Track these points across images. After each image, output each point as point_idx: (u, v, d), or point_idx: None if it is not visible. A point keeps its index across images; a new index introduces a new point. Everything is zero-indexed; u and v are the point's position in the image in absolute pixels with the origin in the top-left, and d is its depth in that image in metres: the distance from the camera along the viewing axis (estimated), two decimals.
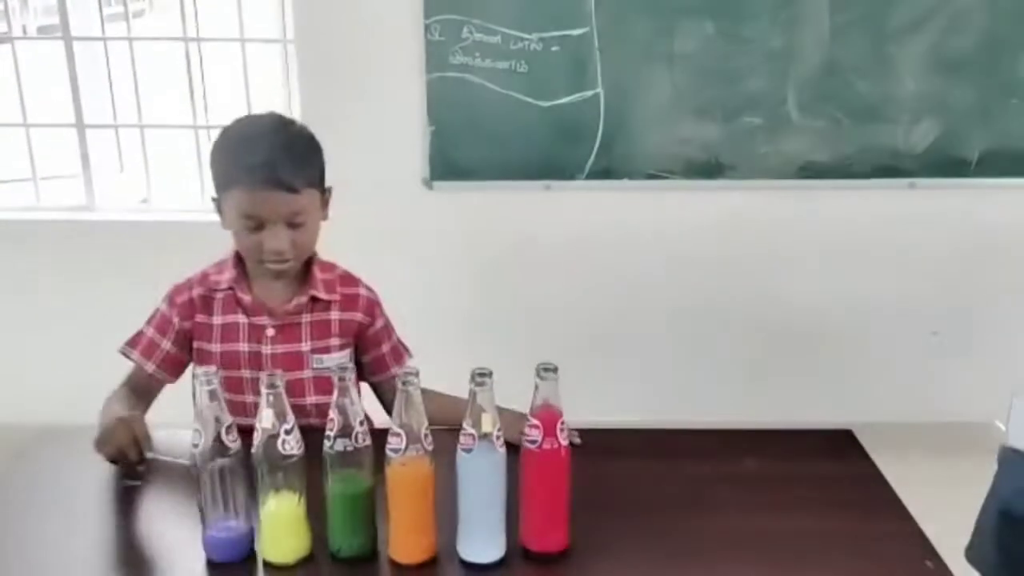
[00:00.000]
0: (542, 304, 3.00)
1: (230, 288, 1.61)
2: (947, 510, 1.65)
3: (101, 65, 3.03)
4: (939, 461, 2.67)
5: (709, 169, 2.83)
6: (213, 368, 1.28)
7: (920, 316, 3.03)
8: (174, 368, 1.64)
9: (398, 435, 1.20)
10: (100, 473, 1.51)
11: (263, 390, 1.20)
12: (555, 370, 1.22)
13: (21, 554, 1.32)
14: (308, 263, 1.64)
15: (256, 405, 1.22)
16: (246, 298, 1.60)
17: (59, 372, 3.00)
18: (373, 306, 1.69)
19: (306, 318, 1.62)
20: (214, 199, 1.60)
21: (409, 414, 1.20)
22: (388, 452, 1.21)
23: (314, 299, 1.62)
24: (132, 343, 1.66)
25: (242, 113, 1.71)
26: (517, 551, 1.28)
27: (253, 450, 1.22)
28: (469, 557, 1.26)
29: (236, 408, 1.47)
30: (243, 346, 1.60)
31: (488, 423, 1.20)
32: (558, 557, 1.28)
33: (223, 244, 3.18)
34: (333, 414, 1.21)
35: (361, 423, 1.21)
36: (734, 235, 2.95)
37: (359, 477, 1.24)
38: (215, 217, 3.25)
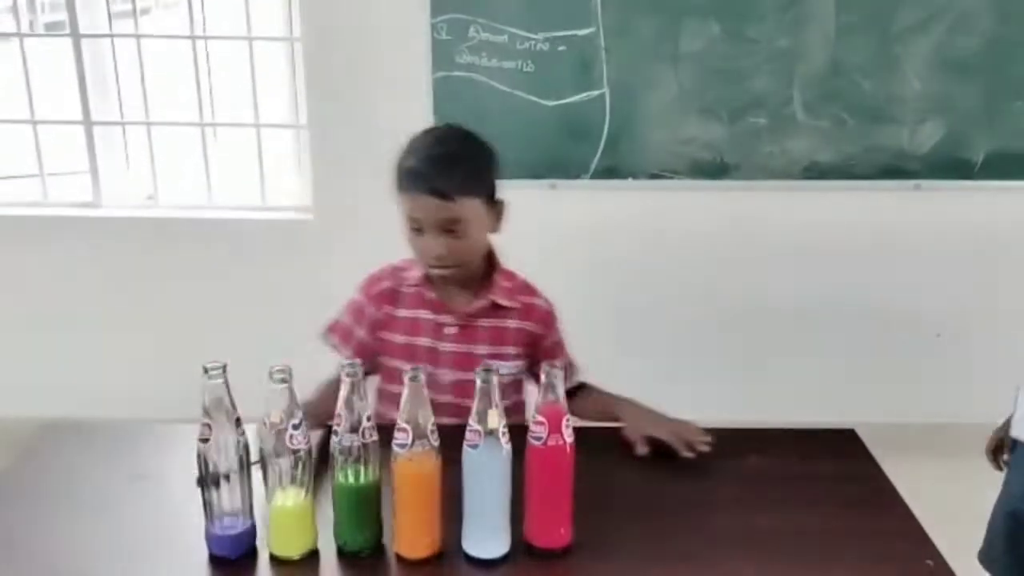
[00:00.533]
0: None
1: (418, 285, 1.66)
2: (948, 510, 1.66)
3: (108, 62, 3.04)
4: (941, 462, 2.67)
5: (714, 169, 2.84)
6: (221, 363, 1.28)
7: (924, 317, 3.03)
8: (366, 356, 1.63)
9: (405, 431, 1.21)
10: (105, 467, 1.52)
11: (270, 384, 1.21)
12: (561, 368, 1.23)
13: (27, 547, 1.33)
14: (491, 269, 1.69)
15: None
16: (431, 295, 1.65)
17: (65, 367, 3.02)
18: (549, 318, 1.74)
19: (485, 322, 1.67)
20: None
21: (416, 410, 1.21)
22: (395, 447, 1.22)
23: (495, 305, 1.66)
24: (332, 329, 1.71)
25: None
26: (521, 547, 1.29)
27: (261, 445, 1.24)
28: (474, 552, 1.27)
29: None
30: (423, 340, 1.66)
31: (494, 419, 1.21)
32: (562, 553, 1.29)
33: (226, 242, 3.21)
34: (341, 410, 1.22)
35: (368, 419, 1.23)
36: (738, 234, 2.95)
37: (366, 472, 1.25)
38: (220, 214, 3.26)
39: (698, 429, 1.57)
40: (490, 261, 1.70)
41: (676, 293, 3.01)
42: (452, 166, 1.56)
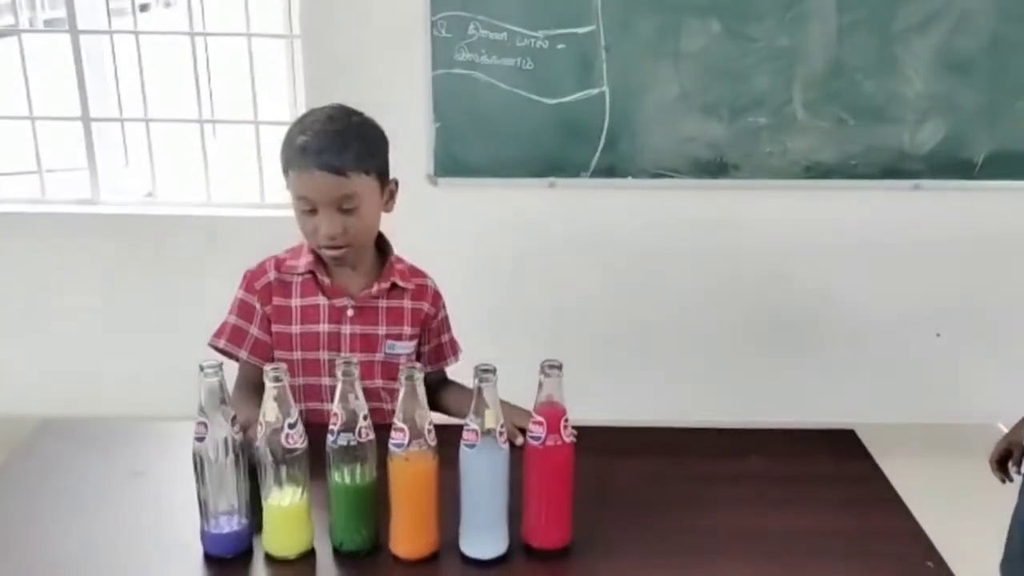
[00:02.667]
0: (546, 301, 3.00)
1: (309, 272, 1.64)
2: (948, 511, 1.66)
3: (107, 59, 3.03)
4: (941, 463, 2.67)
5: (714, 168, 2.83)
6: (216, 361, 1.28)
7: (923, 317, 3.03)
8: (264, 353, 1.64)
9: (401, 430, 1.20)
10: (102, 464, 1.52)
11: (267, 383, 1.21)
12: (559, 367, 1.22)
13: (20, 546, 1.32)
14: (384, 252, 1.69)
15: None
16: (326, 280, 1.63)
17: (63, 364, 3.01)
18: (438, 298, 1.75)
19: (382, 303, 1.66)
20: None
21: (413, 409, 1.20)
22: (391, 447, 1.21)
23: (392, 286, 1.66)
24: (218, 334, 1.67)
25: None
26: (519, 547, 1.29)
27: (257, 443, 1.23)
28: (471, 553, 1.26)
29: (312, 392, 1.49)
30: (323, 327, 1.63)
31: (491, 419, 1.20)
32: (560, 553, 1.29)
33: (224, 239, 3.20)
34: (337, 408, 1.21)
35: (365, 417, 1.22)
36: (738, 234, 2.95)
37: (362, 472, 1.24)
38: (219, 211, 3.25)
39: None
40: (382, 243, 1.69)
41: (675, 292, 3.01)
42: (345, 142, 1.54)
